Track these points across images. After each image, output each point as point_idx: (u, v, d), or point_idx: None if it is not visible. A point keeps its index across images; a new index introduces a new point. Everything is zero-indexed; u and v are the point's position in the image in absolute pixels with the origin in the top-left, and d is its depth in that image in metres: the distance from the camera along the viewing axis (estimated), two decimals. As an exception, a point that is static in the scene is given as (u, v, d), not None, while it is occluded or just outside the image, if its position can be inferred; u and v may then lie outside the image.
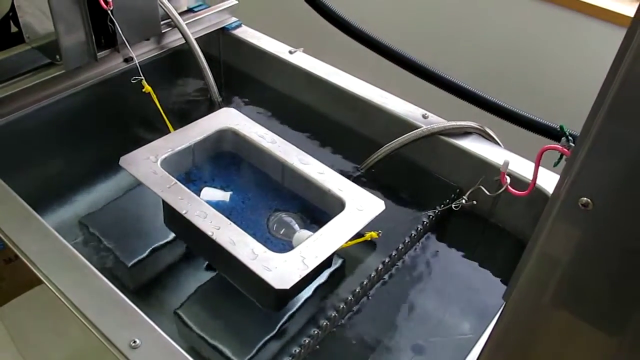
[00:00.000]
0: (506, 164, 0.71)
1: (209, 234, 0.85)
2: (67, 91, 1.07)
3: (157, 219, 1.02)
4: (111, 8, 1.00)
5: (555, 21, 1.43)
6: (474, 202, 0.84)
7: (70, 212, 1.06)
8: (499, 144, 1.07)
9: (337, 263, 1.02)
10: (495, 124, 1.08)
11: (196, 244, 1.00)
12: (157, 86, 1.14)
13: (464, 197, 0.90)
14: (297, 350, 0.84)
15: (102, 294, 0.74)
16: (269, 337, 0.89)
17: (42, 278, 0.75)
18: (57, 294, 0.73)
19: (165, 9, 1.18)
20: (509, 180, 0.73)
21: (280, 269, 0.80)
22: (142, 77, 1.04)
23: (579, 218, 0.42)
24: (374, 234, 0.91)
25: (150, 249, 1.03)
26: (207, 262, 1.02)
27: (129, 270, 0.99)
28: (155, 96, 1.04)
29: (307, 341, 0.85)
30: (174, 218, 0.99)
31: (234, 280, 0.95)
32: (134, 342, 0.68)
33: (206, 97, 1.27)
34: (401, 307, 0.96)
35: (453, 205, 0.86)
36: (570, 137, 0.59)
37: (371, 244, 1.02)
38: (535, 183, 0.67)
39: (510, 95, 1.10)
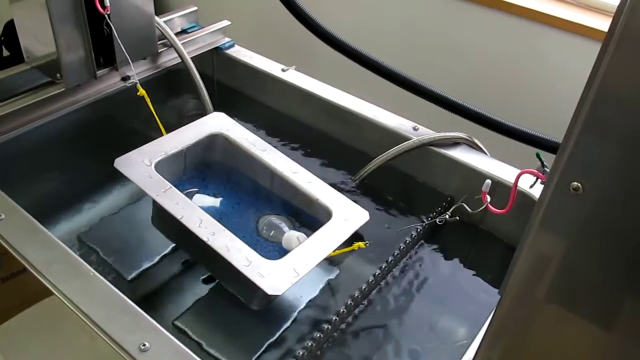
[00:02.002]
0: (487, 184, 0.76)
1: (205, 239, 0.88)
2: (66, 109, 1.10)
3: (154, 232, 1.04)
4: (108, 12, 1.02)
5: (530, 35, 1.50)
6: (457, 217, 0.89)
7: (69, 227, 1.08)
8: (485, 153, 1.11)
9: (333, 273, 1.05)
10: (480, 134, 1.12)
11: (186, 245, 1.02)
12: (153, 104, 1.17)
13: (447, 213, 0.94)
14: (302, 353, 0.86)
15: (110, 301, 0.75)
16: (267, 344, 0.91)
17: (50, 287, 0.76)
18: (65, 302, 0.74)
19: (161, 29, 1.22)
20: (489, 199, 0.77)
21: (272, 276, 0.84)
22: (137, 81, 1.08)
23: (570, 202, 0.46)
24: (361, 244, 0.94)
25: (149, 262, 1.05)
26: (203, 276, 1.04)
27: (129, 284, 1.01)
28: (149, 100, 1.08)
29: (309, 344, 0.87)
30: (164, 220, 1.01)
31: (221, 279, 0.98)
32: (144, 345, 0.69)
33: (201, 114, 1.30)
34: (396, 314, 0.99)
35: (437, 221, 0.90)
36: (544, 164, 0.64)
37: (365, 253, 1.05)
38: (512, 203, 0.71)
39: (492, 106, 1.15)
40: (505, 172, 1.05)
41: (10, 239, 0.81)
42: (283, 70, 1.29)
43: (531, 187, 0.64)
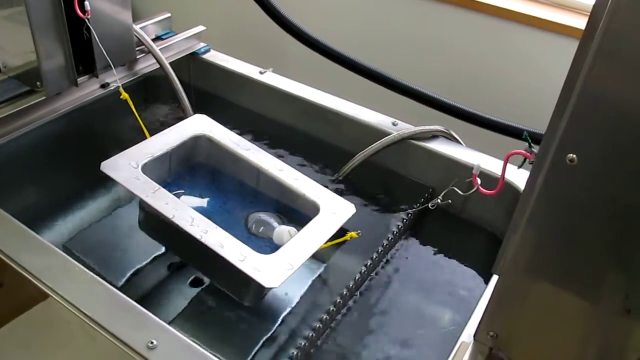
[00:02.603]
0: (477, 167, 0.80)
1: (198, 237, 0.89)
2: (47, 117, 1.09)
3: (141, 237, 1.04)
4: (88, 17, 1.02)
5: (501, 32, 1.57)
6: (449, 200, 0.92)
7: (54, 236, 1.07)
8: (462, 144, 1.16)
9: (320, 268, 1.07)
10: (454, 127, 1.17)
11: (176, 246, 1.03)
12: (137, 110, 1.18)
13: (439, 197, 0.97)
14: (303, 343, 0.87)
15: (112, 301, 0.76)
16: (263, 341, 0.92)
17: (49, 292, 0.75)
18: (66, 305, 0.74)
19: (138, 36, 1.22)
20: (479, 181, 0.81)
21: (268, 269, 0.85)
22: (119, 85, 1.08)
23: (567, 172, 0.50)
24: (353, 234, 0.97)
25: (137, 267, 1.05)
26: (191, 278, 1.05)
27: (119, 290, 1.00)
28: (131, 103, 1.08)
29: (310, 335, 0.89)
30: (153, 222, 1.02)
31: (213, 278, 0.99)
32: (151, 342, 0.70)
33: (181, 119, 1.31)
34: (386, 304, 1.02)
35: (430, 205, 0.94)
36: (532, 144, 0.68)
37: (353, 247, 1.08)
38: (503, 183, 0.75)
39: (466, 100, 1.20)
40: (483, 161, 1.09)
41: (4, 248, 0.80)
42: (261, 72, 1.31)
43: (520, 167, 0.68)
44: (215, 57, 1.36)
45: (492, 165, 1.07)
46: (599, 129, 0.47)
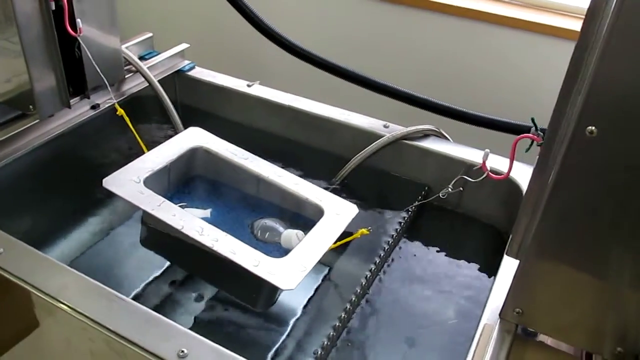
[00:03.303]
0: (486, 153, 0.83)
1: (209, 245, 0.89)
2: (40, 140, 1.07)
3: (142, 255, 1.03)
4: (80, 34, 1.02)
5: (467, 33, 1.64)
6: (461, 188, 0.95)
7: (57, 257, 1.05)
8: (451, 142, 1.19)
9: (325, 272, 1.09)
10: (440, 125, 1.21)
11: (183, 258, 1.02)
12: (125, 130, 1.17)
13: (449, 186, 1.00)
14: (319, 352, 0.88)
15: (136, 315, 0.75)
16: (277, 346, 0.93)
17: (69, 312, 0.74)
18: (89, 324, 0.73)
19: (125, 56, 1.22)
20: (489, 167, 0.84)
21: (283, 272, 0.86)
22: (115, 101, 1.09)
23: (586, 144, 0.53)
24: (364, 231, 0.99)
25: (141, 286, 1.04)
26: (196, 293, 1.05)
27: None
28: (127, 118, 1.08)
29: (325, 342, 0.89)
30: (157, 236, 1.01)
31: (223, 286, 0.99)
32: (182, 352, 0.70)
33: (173, 134, 1.31)
34: (396, 302, 1.03)
35: (440, 194, 0.96)
36: (538, 128, 0.71)
37: (357, 249, 1.10)
38: (512, 166, 0.78)
39: (447, 98, 1.24)
40: (475, 156, 1.13)
41: (16, 271, 0.79)
42: (248, 85, 1.33)
43: (527, 150, 0.71)
44: (201, 73, 1.37)
45: (479, 159, 1.10)
46: (616, 102, 0.50)
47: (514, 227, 0.77)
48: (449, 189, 0.94)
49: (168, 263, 1.05)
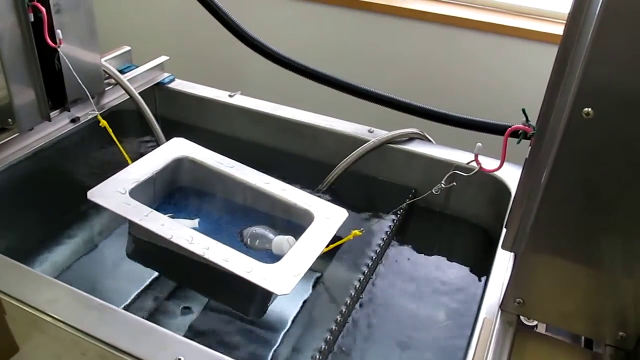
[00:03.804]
0: (478, 147, 0.83)
1: (201, 254, 0.88)
2: (19, 155, 1.05)
3: (127, 269, 1.01)
4: (60, 45, 1.01)
5: (446, 38, 1.67)
6: (454, 183, 0.96)
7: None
8: (434, 144, 1.20)
9: (315, 277, 1.07)
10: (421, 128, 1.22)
11: (171, 269, 1.01)
12: (106, 143, 1.15)
13: (441, 182, 1.00)
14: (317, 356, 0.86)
15: (130, 325, 0.73)
16: (272, 352, 0.91)
17: (60, 325, 0.72)
18: (82, 337, 0.71)
19: (104, 68, 1.20)
20: (482, 161, 0.85)
21: (277, 278, 0.85)
22: (98, 113, 1.08)
23: (583, 125, 0.54)
24: (357, 232, 0.98)
25: (128, 300, 1.01)
26: (183, 306, 1.03)
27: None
28: (110, 130, 1.07)
29: (329, 337, 0.88)
30: (144, 247, 0.99)
31: (214, 295, 0.98)
32: (180, 359, 0.68)
33: (154, 146, 1.29)
34: (386, 303, 1.03)
35: (433, 190, 0.97)
36: (529, 119, 0.72)
37: (347, 254, 1.09)
38: (504, 158, 0.79)
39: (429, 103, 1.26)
40: (459, 157, 1.13)
41: (1, 286, 0.76)
42: (230, 95, 1.32)
43: (518, 142, 0.72)
44: (181, 85, 1.36)
45: (466, 158, 1.11)
46: (611, 82, 0.51)
47: (508, 221, 0.78)
48: (442, 185, 0.94)
49: (154, 276, 1.02)
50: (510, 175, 1.06)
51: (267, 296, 0.94)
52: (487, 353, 0.68)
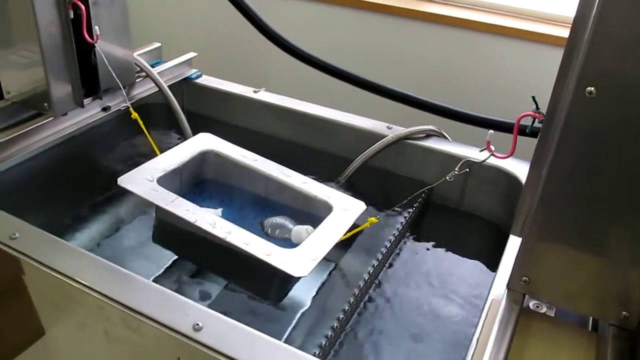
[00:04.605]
0: (490, 134, 0.86)
1: (222, 237, 0.92)
2: (53, 138, 1.10)
3: (149, 250, 1.06)
4: (97, 41, 1.06)
5: (459, 41, 1.71)
6: (467, 170, 0.99)
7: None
8: (451, 141, 1.23)
9: (330, 267, 1.10)
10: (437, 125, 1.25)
11: (194, 252, 1.05)
12: (134, 133, 1.21)
13: (455, 169, 1.03)
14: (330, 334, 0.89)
15: (152, 293, 0.77)
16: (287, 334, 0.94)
17: (87, 291, 0.76)
18: (106, 301, 0.75)
19: (136, 62, 1.26)
20: (493, 148, 0.88)
21: (294, 261, 0.89)
22: (129, 104, 1.13)
23: (587, 104, 0.56)
24: (374, 219, 1.01)
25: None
26: (199, 290, 1.06)
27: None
28: (141, 122, 1.12)
29: (336, 326, 0.91)
30: (169, 231, 1.05)
31: (235, 279, 1.01)
32: (197, 325, 0.71)
33: (182, 139, 1.34)
34: (397, 295, 1.05)
35: (447, 178, 1.00)
36: (538, 107, 0.75)
37: (361, 245, 1.11)
38: (515, 145, 0.81)
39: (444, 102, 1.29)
40: (474, 153, 1.15)
41: (33, 254, 0.81)
42: (255, 91, 1.37)
43: (528, 130, 0.75)
44: (208, 80, 1.42)
45: (479, 155, 1.14)
46: (612, 63, 0.54)
47: (518, 207, 0.80)
48: (455, 172, 0.97)
49: (173, 259, 1.06)
50: (524, 171, 1.08)
51: (286, 281, 0.98)
52: (492, 330, 0.70)
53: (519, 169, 1.11)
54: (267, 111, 1.34)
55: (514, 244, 0.87)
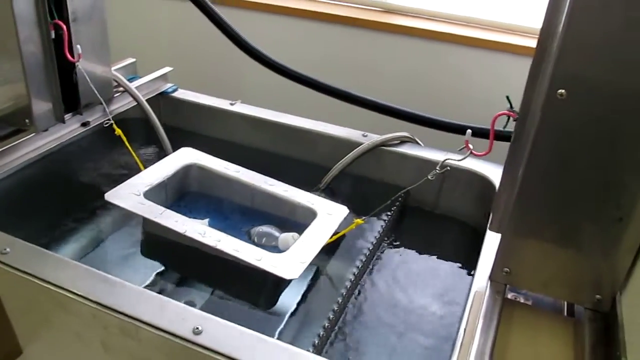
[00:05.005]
0: (468, 133, 0.92)
1: (212, 245, 0.94)
2: (33, 154, 1.10)
3: (132, 263, 1.07)
4: (79, 60, 1.08)
5: (428, 52, 1.78)
6: (448, 168, 1.04)
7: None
8: (423, 146, 1.28)
9: (312, 272, 1.13)
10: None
11: (184, 262, 1.06)
12: (114, 147, 1.22)
13: (437, 168, 1.08)
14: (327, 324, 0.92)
15: (149, 300, 0.78)
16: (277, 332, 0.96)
17: (82, 301, 0.77)
18: (104, 310, 0.76)
19: (115, 77, 1.27)
20: (472, 147, 0.93)
21: (285, 265, 0.92)
22: (112, 122, 1.14)
23: (559, 105, 0.62)
24: (359, 221, 1.05)
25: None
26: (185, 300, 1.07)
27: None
28: (125, 138, 1.14)
29: (329, 323, 0.94)
30: (158, 244, 1.06)
31: (225, 287, 1.04)
32: (197, 328, 0.73)
33: (160, 152, 1.36)
34: (380, 296, 1.09)
35: (429, 176, 1.05)
36: (512, 105, 0.81)
37: (343, 250, 1.15)
38: (492, 143, 0.87)
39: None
40: (449, 156, 1.21)
41: (26, 268, 0.81)
42: (231, 104, 1.39)
43: (505, 126, 0.80)
44: (185, 94, 1.43)
45: (454, 158, 1.19)
46: (579, 67, 0.60)
47: (494, 205, 0.86)
48: (436, 170, 1.02)
49: (157, 271, 1.07)
50: (497, 175, 1.15)
51: (276, 288, 1.00)
52: (478, 320, 0.74)
53: (490, 171, 1.17)
54: (244, 123, 1.36)
55: (490, 240, 0.93)
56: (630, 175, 0.63)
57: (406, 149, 1.26)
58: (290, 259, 0.94)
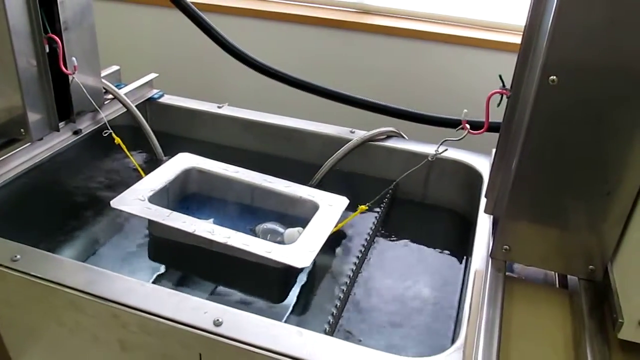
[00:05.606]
0: (465, 114, 0.97)
1: (223, 242, 0.97)
2: (28, 164, 1.11)
3: (132, 266, 1.09)
4: (75, 72, 1.09)
5: (409, 51, 1.84)
6: (446, 149, 1.10)
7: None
8: (408, 140, 1.34)
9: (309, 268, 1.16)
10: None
11: (193, 264, 1.08)
12: (107, 153, 1.23)
13: (436, 150, 1.14)
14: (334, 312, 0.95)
15: (167, 296, 0.80)
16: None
17: (101, 302, 0.79)
18: (123, 309, 0.78)
19: (104, 85, 1.28)
20: (469, 127, 0.98)
21: (295, 254, 0.96)
22: (111, 130, 1.15)
23: (550, 91, 0.67)
24: (363, 207, 1.10)
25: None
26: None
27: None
28: (124, 146, 1.15)
29: (336, 311, 0.97)
30: (166, 247, 1.08)
31: (236, 284, 1.05)
32: (218, 320, 0.76)
33: (151, 158, 1.37)
34: (378, 288, 1.13)
35: (429, 157, 1.10)
36: (504, 84, 0.86)
37: (340, 244, 1.19)
38: (488, 121, 0.92)
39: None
40: (432, 149, 1.26)
41: (40, 273, 0.82)
42: (219, 107, 1.42)
43: (498, 105, 0.85)
44: (172, 99, 1.45)
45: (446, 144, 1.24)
46: (571, 53, 0.65)
47: (487, 189, 0.91)
48: (437, 150, 1.08)
49: (158, 272, 1.08)
50: (481, 163, 1.21)
51: (286, 280, 1.03)
52: (483, 298, 0.79)
53: (475, 160, 1.23)
54: (233, 125, 1.39)
55: (483, 223, 0.99)
56: (615, 152, 0.69)
57: (392, 143, 1.31)
58: (300, 249, 0.97)
